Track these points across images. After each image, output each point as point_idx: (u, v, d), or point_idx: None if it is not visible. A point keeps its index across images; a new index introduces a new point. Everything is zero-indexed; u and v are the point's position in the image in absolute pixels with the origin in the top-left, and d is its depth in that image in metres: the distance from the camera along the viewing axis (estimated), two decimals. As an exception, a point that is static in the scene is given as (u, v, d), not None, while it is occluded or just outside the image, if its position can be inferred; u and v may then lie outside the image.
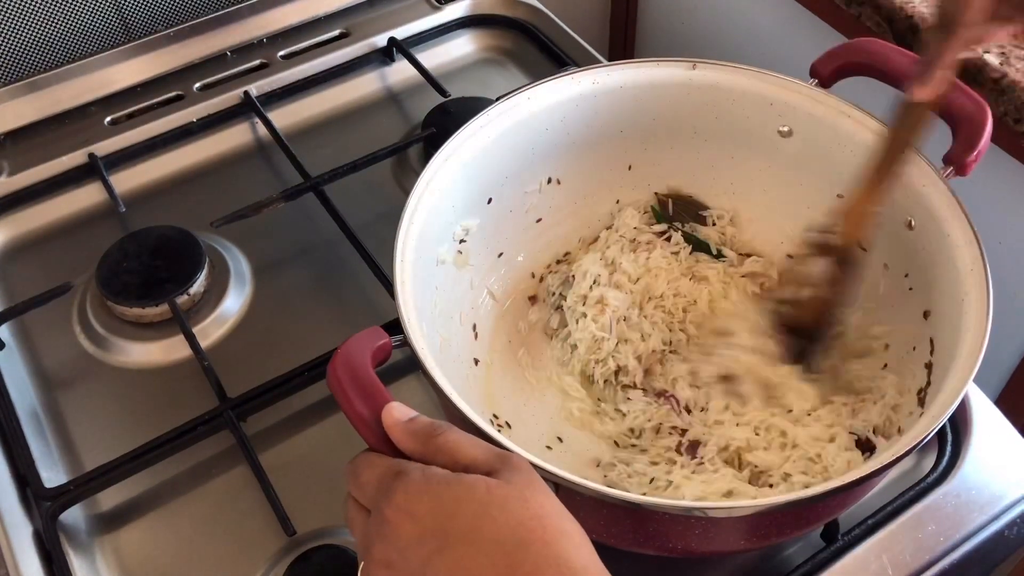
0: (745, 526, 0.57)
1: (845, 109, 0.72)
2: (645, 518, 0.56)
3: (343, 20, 1.07)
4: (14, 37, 0.95)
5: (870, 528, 0.68)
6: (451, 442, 0.49)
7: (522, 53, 1.07)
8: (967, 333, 0.60)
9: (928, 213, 0.66)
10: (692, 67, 0.76)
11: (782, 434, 0.68)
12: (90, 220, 0.91)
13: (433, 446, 0.49)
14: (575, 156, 0.79)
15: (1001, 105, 0.85)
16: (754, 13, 1.16)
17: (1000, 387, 1.02)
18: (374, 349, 0.55)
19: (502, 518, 0.45)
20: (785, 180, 0.78)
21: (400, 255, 0.64)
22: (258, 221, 0.86)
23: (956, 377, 0.57)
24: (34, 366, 0.80)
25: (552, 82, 0.75)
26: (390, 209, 0.90)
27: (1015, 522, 0.69)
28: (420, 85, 1.00)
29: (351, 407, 0.52)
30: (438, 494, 0.46)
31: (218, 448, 0.74)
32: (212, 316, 0.82)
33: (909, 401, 0.65)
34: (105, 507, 0.72)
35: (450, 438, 0.49)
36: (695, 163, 0.81)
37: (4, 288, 0.86)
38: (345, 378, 0.52)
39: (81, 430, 0.76)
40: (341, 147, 0.96)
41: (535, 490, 0.47)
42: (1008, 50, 0.86)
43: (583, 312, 0.76)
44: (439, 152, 0.70)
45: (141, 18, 1.00)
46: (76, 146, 0.94)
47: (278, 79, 1.01)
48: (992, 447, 0.72)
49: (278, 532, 0.68)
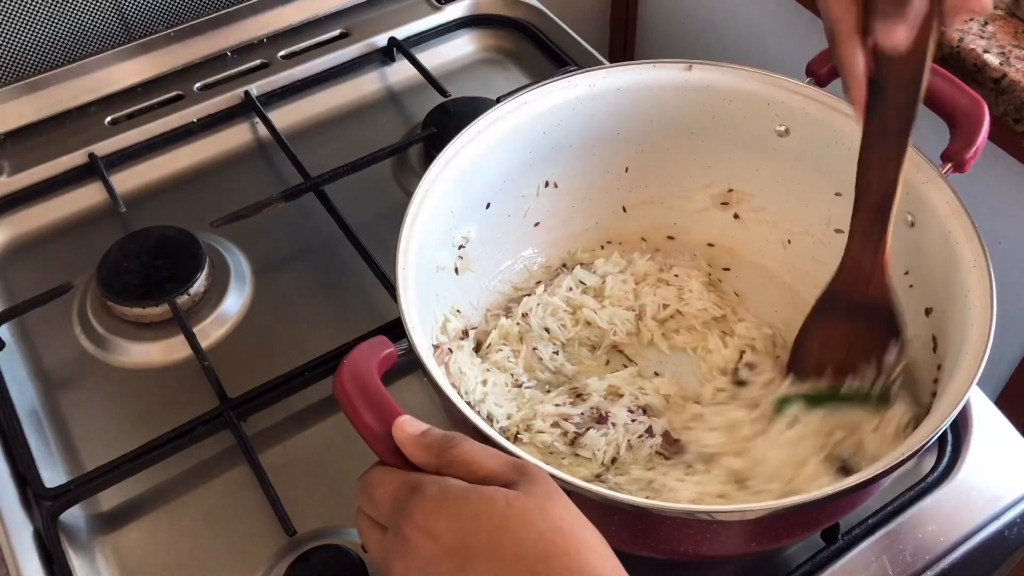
0: (754, 529, 0.57)
1: (842, 107, 0.72)
2: (656, 523, 0.56)
3: (343, 20, 1.07)
4: (14, 37, 0.95)
5: (870, 528, 0.68)
6: (466, 453, 0.48)
7: (522, 53, 1.07)
8: (971, 329, 0.60)
9: (928, 210, 0.66)
10: (688, 68, 0.76)
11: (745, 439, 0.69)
12: (90, 220, 0.92)
13: (447, 458, 0.48)
14: (572, 159, 0.79)
15: (1001, 105, 0.85)
16: (754, 13, 1.16)
17: (1000, 387, 1.02)
18: (380, 359, 0.55)
19: (523, 532, 0.44)
20: (783, 179, 0.78)
21: (402, 261, 0.64)
22: (258, 221, 0.86)
23: (960, 377, 0.57)
24: (34, 366, 0.80)
25: (549, 85, 0.75)
26: (390, 209, 0.91)
27: (1015, 522, 0.69)
28: (420, 85, 1.00)
29: (360, 420, 0.52)
30: (457, 509, 0.45)
31: (218, 448, 0.74)
32: (212, 316, 0.82)
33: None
34: (105, 507, 0.72)
35: (465, 449, 0.48)
36: (693, 164, 0.80)
37: (4, 288, 0.86)
38: (352, 390, 0.52)
39: (81, 430, 0.76)
40: (341, 147, 0.96)
41: (555, 501, 0.46)
42: (1008, 50, 0.86)
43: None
44: (437, 159, 0.70)
45: (141, 18, 1.00)
46: (76, 146, 0.94)
47: (278, 79, 1.01)
48: (992, 447, 0.72)
49: (278, 532, 0.68)
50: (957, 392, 0.56)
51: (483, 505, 0.45)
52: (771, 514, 0.54)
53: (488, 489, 0.46)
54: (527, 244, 0.80)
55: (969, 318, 0.60)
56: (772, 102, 0.75)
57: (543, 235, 0.81)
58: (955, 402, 0.56)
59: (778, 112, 0.75)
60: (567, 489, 0.53)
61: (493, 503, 0.45)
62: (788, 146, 0.76)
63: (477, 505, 0.45)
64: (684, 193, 0.82)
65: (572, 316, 0.77)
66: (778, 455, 0.65)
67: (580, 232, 0.82)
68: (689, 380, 0.75)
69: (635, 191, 0.82)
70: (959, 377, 0.58)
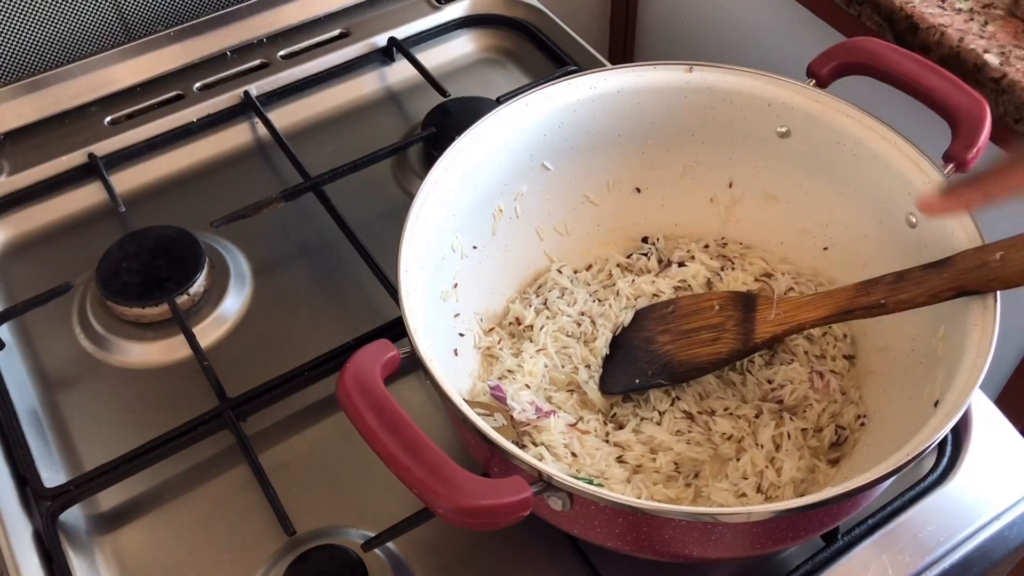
0: (759, 531, 0.57)
1: (843, 108, 0.72)
2: (660, 525, 0.56)
3: (343, 20, 1.07)
4: (14, 37, 0.95)
5: (870, 528, 0.68)
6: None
7: (522, 53, 1.07)
8: (972, 331, 0.60)
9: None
10: (688, 70, 0.76)
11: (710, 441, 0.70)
12: (90, 220, 0.91)
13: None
14: (574, 160, 0.79)
15: (1001, 105, 0.85)
16: (754, 13, 1.16)
17: (1000, 387, 1.02)
18: (383, 363, 0.55)
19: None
20: (784, 180, 0.78)
21: (404, 264, 0.64)
22: (258, 221, 0.86)
23: (963, 380, 0.57)
24: (34, 366, 0.80)
25: (549, 87, 0.75)
26: (390, 209, 0.91)
27: (1015, 522, 0.69)
28: (420, 85, 1.00)
29: (364, 425, 0.51)
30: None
31: (218, 448, 0.74)
32: (212, 316, 0.82)
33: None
34: (105, 507, 0.72)
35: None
36: (694, 165, 0.80)
37: (4, 288, 0.86)
38: (356, 395, 0.52)
39: (81, 430, 0.76)
40: (341, 147, 0.96)
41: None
42: (1008, 50, 0.86)
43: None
44: (439, 160, 0.70)
45: (141, 18, 1.00)
46: (76, 146, 0.94)
47: (278, 79, 1.01)
48: (992, 447, 0.72)
49: (278, 532, 0.68)
50: (960, 395, 0.56)
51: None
52: (773, 516, 0.54)
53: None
54: (528, 245, 0.80)
55: (971, 319, 0.60)
56: (773, 103, 0.75)
57: (544, 236, 0.81)
58: (958, 405, 0.55)
59: (779, 113, 0.75)
60: (570, 492, 0.53)
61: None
62: (789, 147, 0.76)
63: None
64: (685, 194, 0.82)
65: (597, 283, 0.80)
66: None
67: (581, 233, 0.82)
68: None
69: (636, 192, 0.82)
70: (961, 380, 0.58)
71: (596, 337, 0.76)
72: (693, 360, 0.72)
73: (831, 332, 0.75)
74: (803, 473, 0.67)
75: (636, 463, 0.69)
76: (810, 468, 0.68)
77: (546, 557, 0.68)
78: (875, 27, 0.95)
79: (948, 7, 0.91)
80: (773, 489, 0.67)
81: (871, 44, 0.73)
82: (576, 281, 0.80)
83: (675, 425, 0.71)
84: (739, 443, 0.69)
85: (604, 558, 0.66)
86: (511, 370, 0.74)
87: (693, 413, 0.71)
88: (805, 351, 0.74)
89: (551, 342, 0.76)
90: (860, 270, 0.73)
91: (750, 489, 0.66)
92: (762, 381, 0.73)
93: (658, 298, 0.78)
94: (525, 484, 0.51)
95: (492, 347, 0.75)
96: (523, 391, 0.72)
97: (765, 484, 0.67)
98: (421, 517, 0.64)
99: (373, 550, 0.66)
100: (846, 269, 0.76)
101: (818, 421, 0.70)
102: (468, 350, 0.75)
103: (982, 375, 0.56)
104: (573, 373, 0.74)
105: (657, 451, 0.69)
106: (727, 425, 0.70)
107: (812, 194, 0.77)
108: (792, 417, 0.70)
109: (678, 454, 0.69)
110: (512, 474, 0.53)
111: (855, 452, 0.68)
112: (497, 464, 0.58)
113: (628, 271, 0.81)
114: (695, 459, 0.69)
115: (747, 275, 0.79)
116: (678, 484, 0.68)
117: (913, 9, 0.90)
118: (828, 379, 0.72)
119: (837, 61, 0.74)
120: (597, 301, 0.79)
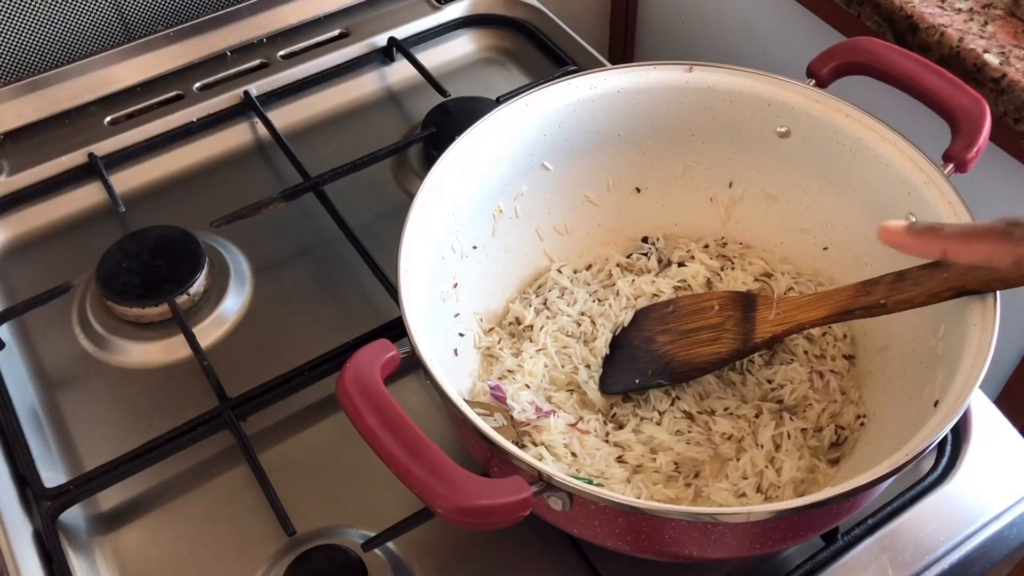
0: (759, 531, 0.57)
1: (843, 108, 0.72)
2: (660, 525, 0.56)
3: (343, 20, 1.07)
4: (14, 37, 0.95)
5: (870, 528, 0.68)
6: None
7: (522, 53, 1.07)
8: (972, 330, 0.60)
9: (930, 210, 0.66)
10: (688, 70, 0.76)
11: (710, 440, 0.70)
12: (90, 220, 0.91)
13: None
14: (574, 161, 0.79)
15: (1001, 105, 0.85)
16: (754, 13, 1.16)
17: (1000, 387, 1.02)
18: (383, 363, 0.55)
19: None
20: (784, 180, 0.78)
21: (404, 264, 0.64)
22: (258, 221, 0.86)
23: (962, 380, 0.57)
24: (34, 366, 0.80)
25: (550, 87, 0.75)
26: (390, 209, 0.91)
27: (1015, 522, 0.69)
28: (420, 85, 1.00)
29: (364, 425, 0.51)
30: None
31: (218, 448, 0.74)
32: (212, 316, 0.82)
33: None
34: (105, 507, 0.72)
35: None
36: (694, 165, 0.80)
37: (4, 288, 0.86)
38: (356, 395, 0.52)
39: (81, 430, 0.76)
40: (341, 147, 0.96)
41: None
42: (1008, 50, 0.86)
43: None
44: (439, 162, 0.70)
45: (141, 18, 1.00)
46: (76, 146, 0.94)
47: (278, 79, 1.01)
48: (992, 447, 0.72)
49: (278, 532, 0.68)
50: (959, 395, 0.56)
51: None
52: (773, 516, 0.54)
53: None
54: (528, 245, 0.80)
55: (971, 319, 0.60)
56: (773, 103, 0.75)
57: (544, 236, 0.81)
58: (958, 405, 0.55)
59: (779, 113, 0.75)
60: (570, 492, 0.53)
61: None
62: (789, 147, 0.76)
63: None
64: (685, 194, 0.82)
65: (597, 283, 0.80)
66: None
67: (581, 233, 0.82)
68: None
69: (636, 192, 0.82)
70: (961, 380, 0.58)
71: (596, 337, 0.76)
72: (693, 360, 0.72)
73: (831, 332, 0.75)
74: (803, 473, 0.67)
75: (636, 463, 0.69)
76: (810, 468, 0.68)
77: (546, 557, 0.68)
78: (875, 27, 0.95)
79: (948, 7, 0.91)
80: (773, 489, 0.67)
81: (871, 44, 0.73)
82: (576, 281, 0.80)
83: (675, 425, 0.71)
84: (739, 443, 0.69)
85: (604, 558, 0.66)
86: (511, 370, 0.74)
87: (693, 413, 0.71)
88: (805, 351, 0.74)
89: (551, 342, 0.76)
90: (860, 270, 0.73)
91: (750, 489, 0.66)
92: (762, 381, 0.73)
93: (658, 298, 0.78)
94: (525, 484, 0.51)
95: (492, 347, 0.75)
96: (523, 391, 0.72)
97: (765, 484, 0.67)
98: (421, 517, 0.64)
99: (373, 550, 0.66)
100: (846, 269, 0.76)
101: (818, 421, 0.70)
102: (468, 350, 0.75)
103: (982, 375, 0.56)
104: (573, 373, 0.74)
105: (657, 451, 0.69)
106: (727, 425, 0.70)
107: (812, 194, 0.77)
108: (792, 417, 0.70)
109: (678, 454, 0.69)
110: (512, 474, 0.53)
111: (855, 452, 0.68)
112: (497, 464, 0.58)
113: (628, 271, 0.82)
114: (695, 459, 0.69)
115: (747, 275, 0.79)
116: (678, 484, 0.68)
117: (913, 9, 0.90)
118: (828, 379, 0.72)
119: (837, 61, 0.74)
120: (597, 301, 0.79)
